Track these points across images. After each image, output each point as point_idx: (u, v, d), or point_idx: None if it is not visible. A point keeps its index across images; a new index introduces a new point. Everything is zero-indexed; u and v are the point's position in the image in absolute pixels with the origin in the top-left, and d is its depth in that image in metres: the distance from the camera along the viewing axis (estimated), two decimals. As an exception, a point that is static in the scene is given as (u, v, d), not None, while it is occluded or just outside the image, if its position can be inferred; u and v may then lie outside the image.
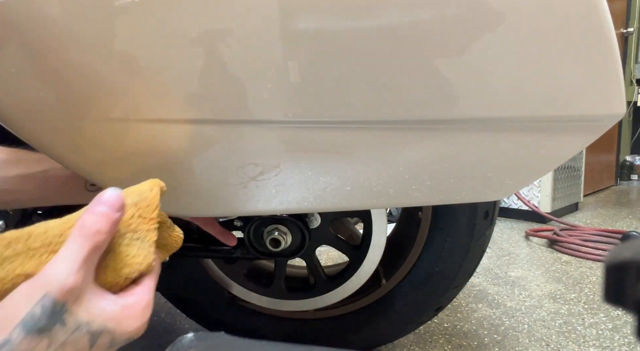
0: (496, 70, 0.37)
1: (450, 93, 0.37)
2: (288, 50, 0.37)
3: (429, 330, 0.94)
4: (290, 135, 0.41)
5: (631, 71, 3.11)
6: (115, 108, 0.39)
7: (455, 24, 0.35)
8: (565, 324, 0.96)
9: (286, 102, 0.39)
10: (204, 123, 0.40)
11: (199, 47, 0.37)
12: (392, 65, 0.37)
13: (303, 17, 0.36)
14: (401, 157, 0.42)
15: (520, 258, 1.47)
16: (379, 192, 0.44)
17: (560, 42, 0.35)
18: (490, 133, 0.40)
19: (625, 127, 3.50)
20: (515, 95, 0.37)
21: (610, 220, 2.07)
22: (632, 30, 2.94)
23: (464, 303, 1.08)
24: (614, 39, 0.35)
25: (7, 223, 0.69)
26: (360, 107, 0.39)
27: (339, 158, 0.42)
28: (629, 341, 0.88)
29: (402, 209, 0.76)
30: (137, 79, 0.38)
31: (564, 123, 0.39)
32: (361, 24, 0.36)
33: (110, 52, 0.37)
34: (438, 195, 0.44)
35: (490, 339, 0.89)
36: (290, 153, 0.42)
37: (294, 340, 0.76)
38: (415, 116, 0.39)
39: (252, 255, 0.64)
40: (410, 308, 0.71)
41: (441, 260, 0.68)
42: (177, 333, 0.94)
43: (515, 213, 2.07)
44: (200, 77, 0.38)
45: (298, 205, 0.45)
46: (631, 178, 3.52)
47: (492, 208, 0.67)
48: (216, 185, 0.44)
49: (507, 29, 0.35)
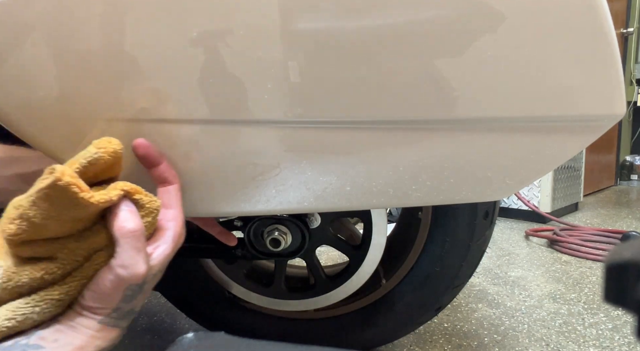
0: (496, 70, 0.36)
1: (450, 93, 0.37)
2: (288, 49, 0.37)
3: (429, 330, 0.94)
4: (290, 135, 0.41)
5: (631, 71, 3.11)
6: (115, 108, 0.39)
7: (455, 24, 0.35)
8: (565, 324, 0.96)
9: (286, 102, 0.39)
10: (205, 123, 0.40)
11: (199, 47, 0.37)
12: (392, 65, 0.37)
13: (303, 16, 0.36)
14: (401, 157, 0.42)
15: (520, 258, 1.47)
16: (379, 192, 0.44)
17: (560, 42, 0.35)
18: (490, 133, 0.40)
19: (625, 127, 3.50)
20: (515, 95, 0.37)
21: (610, 220, 2.07)
22: (632, 30, 2.94)
23: (464, 303, 1.08)
24: (614, 39, 0.35)
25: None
26: (360, 107, 0.39)
27: (339, 158, 0.42)
28: (629, 341, 0.88)
29: (402, 209, 0.76)
30: (137, 78, 0.38)
31: (564, 123, 0.39)
32: (361, 23, 0.36)
33: (111, 52, 0.37)
34: (438, 195, 0.44)
35: (490, 339, 0.89)
36: (290, 153, 0.42)
37: (294, 340, 0.76)
38: (415, 116, 0.39)
39: (252, 255, 0.64)
40: (410, 308, 0.71)
41: (441, 260, 0.68)
42: (177, 333, 0.94)
43: (515, 213, 2.07)
44: (200, 77, 0.38)
45: (298, 205, 0.45)
46: (631, 178, 3.52)
47: (492, 208, 0.67)
48: (216, 185, 0.44)
49: (507, 29, 0.35)
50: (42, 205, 0.31)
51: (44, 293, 0.34)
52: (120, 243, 0.34)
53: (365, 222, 0.66)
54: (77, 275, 0.35)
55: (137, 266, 0.34)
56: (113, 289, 0.35)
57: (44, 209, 0.31)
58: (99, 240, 0.35)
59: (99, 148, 0.35)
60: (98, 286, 0.35)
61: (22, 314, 0.33)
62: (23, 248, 0.33)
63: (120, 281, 0.34)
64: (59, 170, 0.31)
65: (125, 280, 0.34)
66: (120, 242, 0.34)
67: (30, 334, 0.33)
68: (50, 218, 0.32)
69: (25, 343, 0.32)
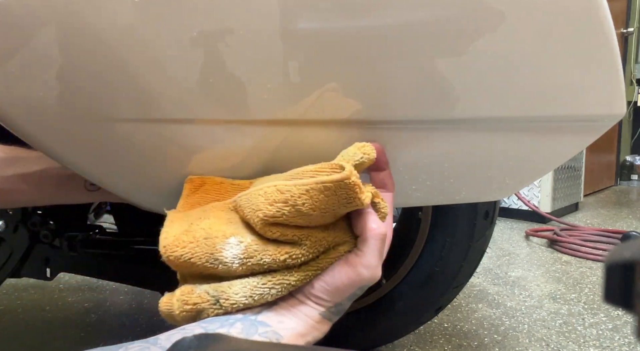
0: (496, 70, 0.36)
1: (450, 93, 0.37)
2: (288, 49, 0.37)
3: (429, 330, 0.94)
4: (291, 135, 0.41)
5: (631, 71, 3.11)
6: (115, 108, 0.39)
7: (455, 24, 0.35)
8: (565, 324, 0.96)
9: (286, 101, 0.39)
10: (205, 123, 0.40)
11: (199, 46, 0.37)
12: (392, 65, 0.37)
13: (303, 16, 0.36)
14: (401, 157, 0.42)
15: (520, 258, 1.47)
16: (379, 192, 0.43)
17: (561, 42, 0.35)
18: (490, 133, 0.40)
19: (625, 127, 3.50)
20: (516, 95, 0.37)
21: (610, 220, 2.07)
22: (632, 30, 2.94)
23: (464, 303, 1.08)
24: (614, 39, 0.35)
25: (7, 222, 0.69)
26: (360, 107, 0.39)
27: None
28: (629, 341, 0.88)
29: (402, 209, 0.76)
30: (137, 78, 0.38)
31: (564, 123, 0.39)
32: (361, 23, 0.36)
33: (111, 52, 0.37)
34: (438, 195, 0.44)
35: (491, 339, 0.89)
36: (290, 153, 0.42)
37: (294, 340, 0.76)
38: (415, 116, 0.39)
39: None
40: (410, 308, 0.71)
41: (441, 260, 0.68)
42: (177, 333, 0.94)
43: (515, 213, 2.07)
44: (200, 77, 0.38)
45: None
46: (631, 178, 3.52)
47: (492, 208, 0.67)
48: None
49: (507, 28, 0.35)
50: (316, 196, 0.32)
51: (281, 276, 0.35)
52: (369, 244, 0.36)
53: (365, 222, 0.66)
54: (313, 265, 0.36)
55: (378, 269, 0.36)
56: (347, 285, 0.36)
57: (317, 200, 0.33)
58: (342, 235, 0.37)
59: (364, 153, 0.37)
60: (334, 280, 0.36)
61: (259, 294, 0.34)
62: (272, 230, 0.34)
63: (358, 279, 0.36)
64: (348, 168, 0.33)
65: (363, 279, 0.36)
66: (369, 243, 0.36)
67: (256, 310, 0.35)
68: (319, 210, 0.33)
69: (254, 319, 0.34)
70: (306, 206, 0.33)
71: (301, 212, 0.33)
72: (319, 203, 0.33)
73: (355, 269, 0.35)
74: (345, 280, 0.35)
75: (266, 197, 0.33)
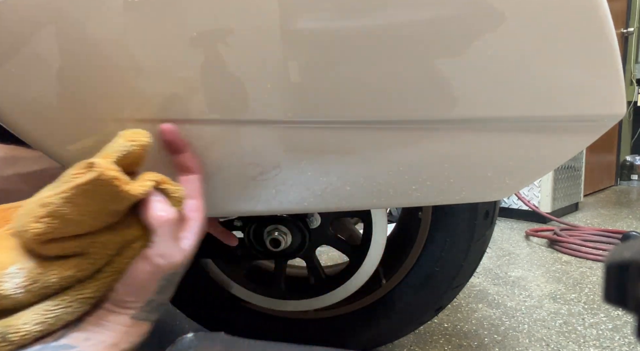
0: (496, 70, 0.36)
1: (450, 93, 0.37)
2: (288, 49, 0.37)
3: (429, 330, 0.94)
4: (291, 135, 0.41)
5: (631, 71, 3.11)
6: (115, 108, 0.39)
7: (455, 24, 0.35)
8: (565, 324, 0.96)
9: (286, 101, 0.39)
10: (205, 123, 0.40)
11: (199, 46, 0.37)
12: (392, 65, 0.37)
13: (303, 16, 0.36)
14: (401, 157, 0.42)
15: (521, 258, 1.46)
16: (379, 192, 0.44)
17: (560, 42, 0.35)
18: (490, 133, 0.40)
19: (625, 127, 3.50)
20: (515, 95, 0.37)
21: (610, 220, 2.07)
22: (632, 30, 2.94)
23: (464, 303, 1.08)
24: (614, 39, 0.35)
25: (7, 223, 0.69)
26: (360, 107, 0.39)
27: (339, 158, 0.42)
28: (629, 341, 0.88)
29: (402, 209, 0.76)
30: (137, 78, 0.38)
31: (564, 123, 0.39)
32: (361, 23, 0.36)
33: (111, 52, 0.37)
34: (438, 195, 0.44)
35: (491, 339, 0.89)
36: (290, 153, 0.42)
37: (294, 340, 0.76)
38: (415, 116, 0.39)
39: (252, 255, 0.64)
40: (410, 308, 0.71)
41: (441, 260, 0.68)
42: (177, 333, 0.94)
43: (515, 213, 2.07)
44: (200, 77, 0.38)
45: (298, 205, 0.45)
46: (631, 178, 3.52)
47: (492, 208, 0.67)
48: (217, 185, 0.44)
49: (507, 28, 0.35)
50: (79, 201, 0.31)
51: (74, 292, 0.33)
52: (158, 232, 0.34)
53: (365, 222, 0.66)
54: (108, 270, 0.34)
55: (174, 254, 0.35)
56: (149, 280, 0.35)
57: (82, 205, 0.31)
58: (132, 231, 0.35)
59: (131, 141, 0.34)
60: (133, 279, 0.34)
61: (53, 316, 0.32)
62: (50, 247, 0.32)
63: (158, 270, 0.35)
64: (99, 165, 0.31)
65: (162, 269, 0.35)
66: (157, 232, 0.34)
67: (58, 334, 0.32)
68: (88, 214, 0.31)
69: (55, 345, 0.31)
70: (74, 214, 0.31)
71: (71, 221, 0.31)
72: (84, 207, 0.31)
73: (150, 261, 0.34)
74: (144, 275, 0.34)
75: (32, 215, 0.31)
